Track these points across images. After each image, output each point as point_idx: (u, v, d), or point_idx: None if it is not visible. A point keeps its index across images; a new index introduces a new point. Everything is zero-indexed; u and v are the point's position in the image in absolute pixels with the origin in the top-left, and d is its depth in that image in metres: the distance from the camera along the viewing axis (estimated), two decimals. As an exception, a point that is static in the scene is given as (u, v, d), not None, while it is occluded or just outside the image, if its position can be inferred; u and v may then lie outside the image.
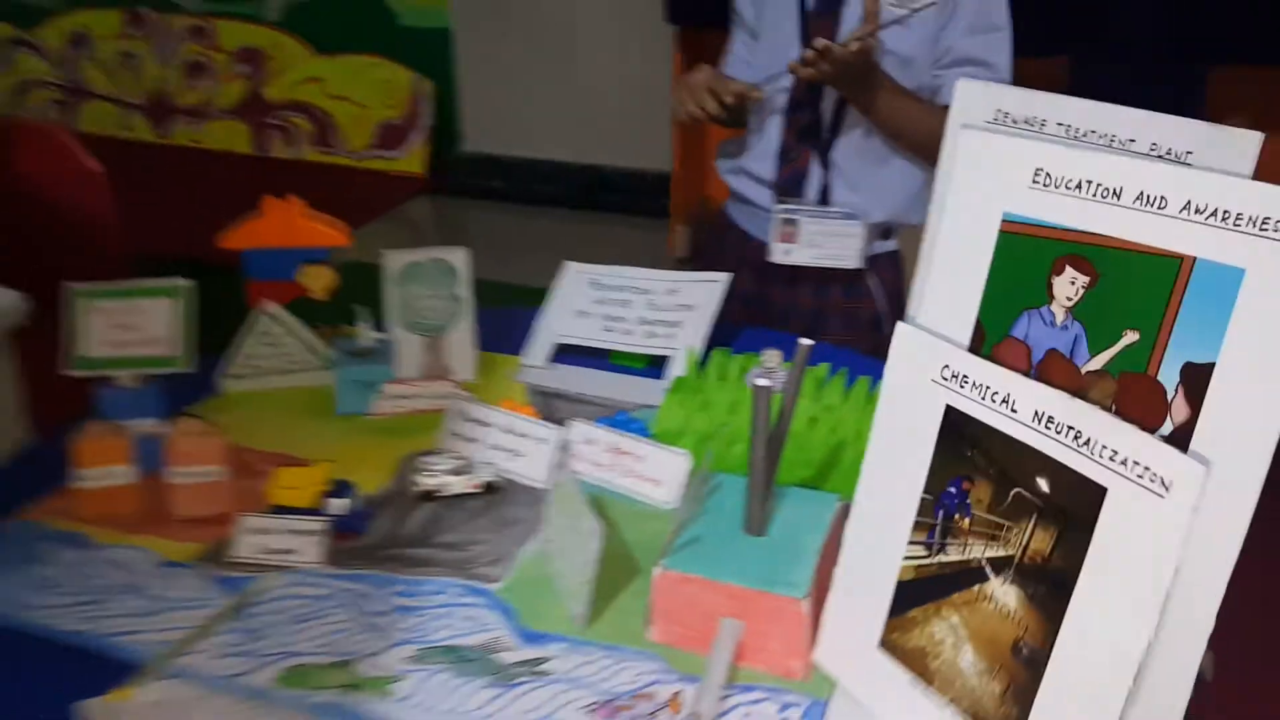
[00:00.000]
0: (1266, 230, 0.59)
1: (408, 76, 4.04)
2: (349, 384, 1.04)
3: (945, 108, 0.72)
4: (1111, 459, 0.54)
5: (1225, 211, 0.60)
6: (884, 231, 1.31)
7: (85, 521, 0.87)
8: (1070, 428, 0.56)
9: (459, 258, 1.10)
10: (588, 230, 3.72)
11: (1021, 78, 3.24)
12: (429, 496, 0.90)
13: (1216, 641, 0.63)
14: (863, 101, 1.19)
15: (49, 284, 1.50)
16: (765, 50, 1.28)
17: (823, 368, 1.03)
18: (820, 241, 1.24)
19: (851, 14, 1.21)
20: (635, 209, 3.70)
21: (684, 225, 3.34)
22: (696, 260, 1.42)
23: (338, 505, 0.87)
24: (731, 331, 1.21)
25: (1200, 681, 0.73)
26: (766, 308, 1.32)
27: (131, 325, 0.93)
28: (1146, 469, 0.53)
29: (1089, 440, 0.55)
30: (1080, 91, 2.48)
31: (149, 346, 0.94)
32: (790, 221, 1.24)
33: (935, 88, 1.23)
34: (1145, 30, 2.72)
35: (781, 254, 1.26)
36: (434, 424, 0.99)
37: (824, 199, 1.26)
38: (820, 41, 1.12)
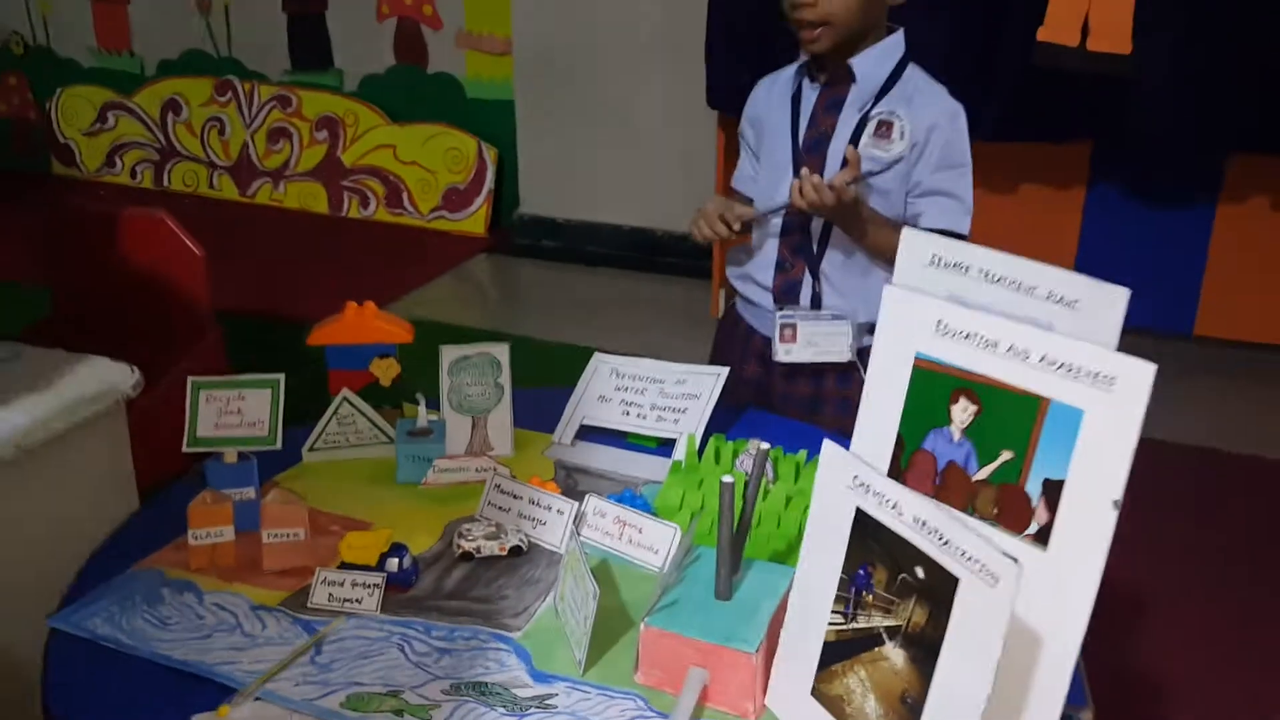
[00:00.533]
0: (1099, 383, 0.76)
1: (473, 144, 4.31)
2: (407, 458, 1.26)
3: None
4: (962, 555, 0.72)
5: (1070, 366, 0.78)
6: (870, 329, 1.50)
7: (194, 572, 1.08)
8: (936, 530, 0.74)
9: (502, 352, 1.31)
10: (636, 289, 3.92)
11: (1048, 161, 3.43)
12: (467, 557, 1.10)
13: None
14: (848, 227, 1.40)
15: (152, 355, 1.73)
16: (765, 172, 1.49)
17: (802, 454, 1.21)
18: (815, 341, 1.44)
19: (836, 151, 1.41)
20: (681, 270, 3.90)
21: (725, 289, 3.54)
22: (714, 350, 1.63)
23: (393, 563, 1.07)
24: (738, 414, 1.41)
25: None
26: (770, 394, 1.52)
27: (235, 410, 1.15)
28: (983, 565, 0.71)
29: (948, 540, 0.73)
30: (1102, 173, 2.73)
31: (248, 428, 1.16)
32: (789, 325, 1.45)
33: (910, 214, 1.42)
34: (1166, 118, 2.85)
35: (783, 354, 1.46)
36: (476, 493, 1.19)
37: (816, 304, 1.46)
38: (814, 179, 1.32)
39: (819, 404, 1.49)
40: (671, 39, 3.70)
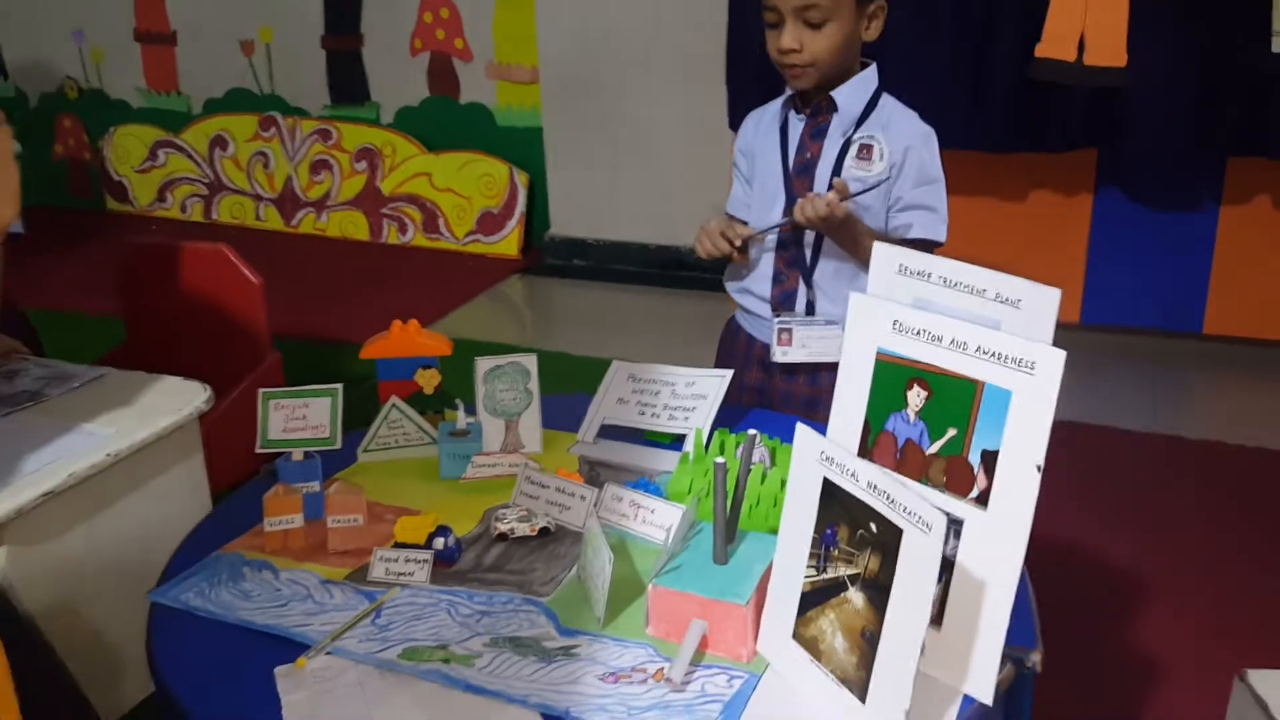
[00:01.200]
0: (1023, 368, 0.92)
1: (505, 170, 4.50)
2: (449, 456, 1.43)
3: (898, 241, 1.03)
4: (904, 510, 0.87)
5: (1000, 354, 0.93)
6: None
7: (270, 553, 1.26)
8: (885, 491, 0.90)
9: (530, 362, 1.48)
10: (661, 303, 4.08)
11: (1055, 171, 3.57)
12: (503, 537, 1.27)
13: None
14: (841, 240, 1.56)
15: (217, 376, 1.91)
16: (758, 197, 1.65)
17: (795, 444, 1.37)
18: (809, 343, 1.60)
19: (823, 174, 1.58)
20: (705, 284, 4.05)
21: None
22: (717, 361, 1.79)
23: (439, 543, 1.24)
24: (743, 413, 1.57)
25: (1031, 673, 1.06)
26: (771, 395, 1.68)
27: (301, 416, 1.33)
28: (920, 517, 0.86)
29: (893, 499, 0.89)
30: (1107, 179, 2.92)
31: (312, 431, 1.33)
32: (786, 330, 1.61)
33: (891, 227, 1.58)
34: (1163, 126, 2.97)
35: (781, 355, 1.62)
36: (509, 485, 1.35)
37: (810, 310, 1.62)
38: (813, 198, 1.50)
39: (816, 401, 1.65)
40: (691, 65, 3.87)
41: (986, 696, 0.96)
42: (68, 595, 1.52)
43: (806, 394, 1.66)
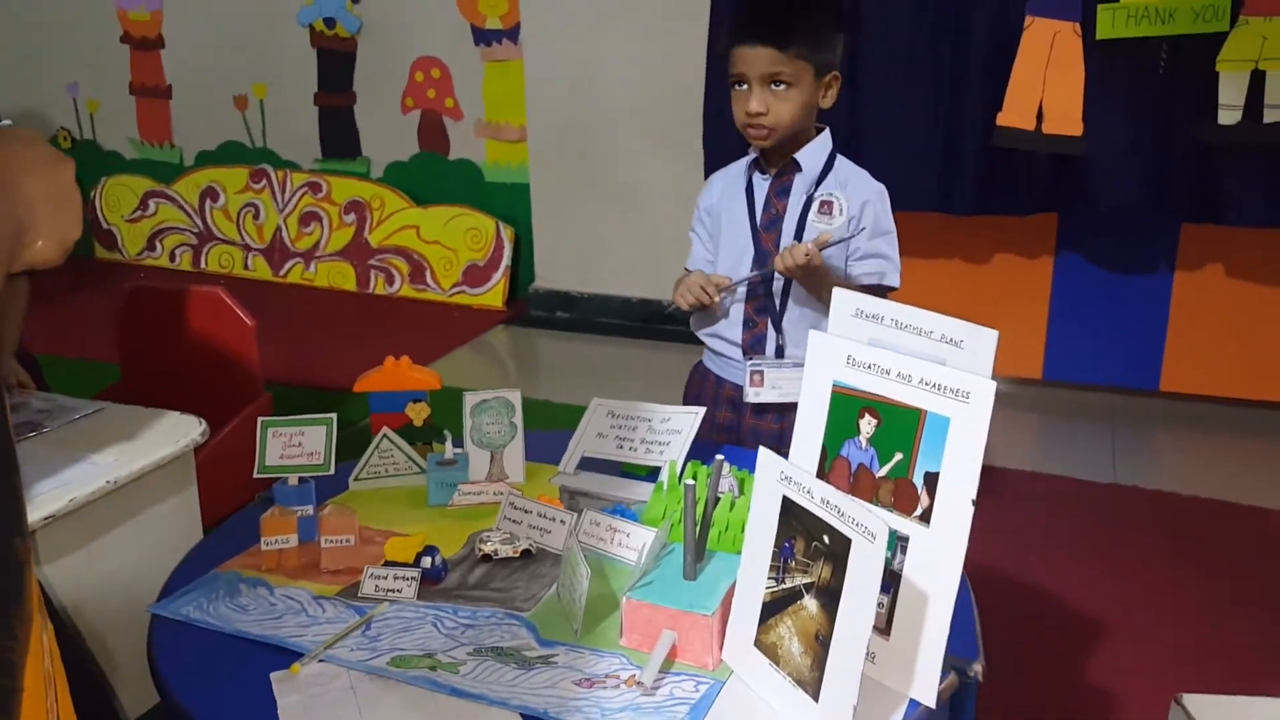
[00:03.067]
0: (959, 397, 1.02)
1: (492, 225, 4.62)
2: (437, 484, 1.51)
3: (857, 287, 1.13)
4: (852, 522, 0.97)
5: (938, 385, 1.03)
6: None
7: (266, 571, 1.33)
8: (836, 505, 0.99)
9: (515, 396, 1.57)
10: (643, 355, 4.18)
11: (1017, 233, 3.72)
12: (487, 558, 1.35)
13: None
14: (813, 286, 1.69)
15: (210, 413, 1.99)
16: (726, 251, 1.77)
17: (763, 475, 1.46)
18: (779, 384, 1.71)
19: (788, 229, 1.71)
20: (686, 337, 4.15)
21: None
22: (685, 400, 1.90)
23: (427, 561, 1.32)
24: (714, 449, 1.66)
25: (975, 682, 1.14)
26: (741, 431, 1.78)
27: (297, 444, 1.41)
28: (865, 527, 0.95)
29: (843, 512, 0.98)
30: (1068, 242, 3.08)
31: (307, 458, 1.42)
32: (758, 372, 1.72)
33: (851, 275, 1.70)
34: (1118, 193, 3.12)
35: (753, 395, 1.73)
36: (493, 511, 1.44)
37: (780, 354, 1.73)
38: (794, 248, 1.62)
39: (784, 436, 1.75)
40: (673, 127, 4.02)
41: (930, 700, 1.05)
42: (66, 616, 1.58)
43: (775, 430, 1.76)
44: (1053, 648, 2.22)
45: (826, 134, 1.76)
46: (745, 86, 1.67)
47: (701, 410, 1.58)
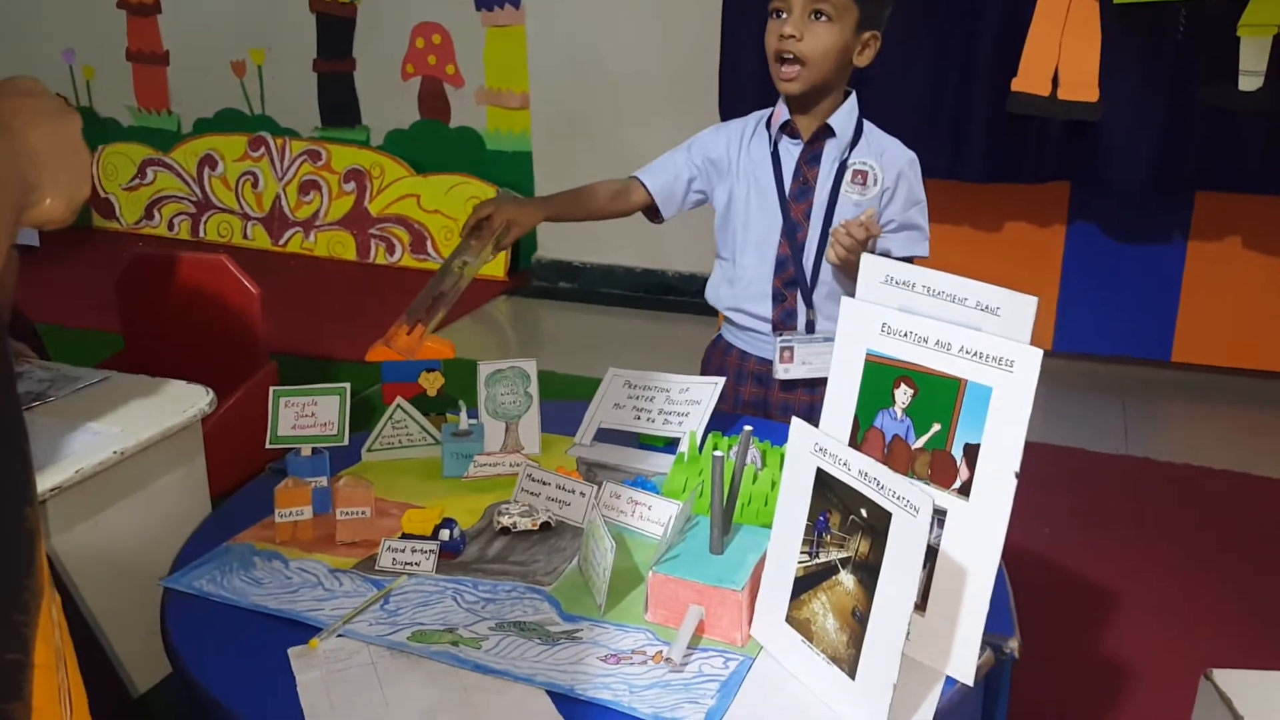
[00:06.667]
0: (1002, 366, 0.98)
1: (493, 193, 4.54)
2: (452, 456, 1.48)
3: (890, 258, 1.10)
4: (894, 495, 0.94)
5: (981, 353, 1.00)
6: None
7: (280, 544, 1.30)
8: (875, 478, 0.96)
9: (530, 366, 1.53)
10: (647, 326, 4.15)
11: (1030, 201, 3.68)
12: (506, 531, 1.32)
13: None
14: (851, 272, 1.63)
15: (215, 383, 1.96)
16: (756, 219, 1.70)
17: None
18: (810, 359, 1.67)
19: (820, 198, 1.66)
20: (690, 308, 4.13)
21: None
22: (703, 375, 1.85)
23: (445, 534, 1.29)
24: (736, 420, 1.63)
25: (1010, 659, 1.12)
26: (770, 407, 1.75)
27: (310, 414, 1.38)
28: (908, 500, 0.92)
29: (883, 485, 0.95)
30: (1080, 211, 3.02)
31: (321, 428, 1.38)
32: (788, 348, 1.68)
33: (882, 247, 1.66)
34: (1133, 160, 3.07)
35: (783, 371, 1.70)
36: (510, 483, 1.41)
37: (810, 329, 1.70)
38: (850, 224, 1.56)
39: (814, 409, 1.71)
40: (678, 91, 3.97)
41: (968, 677, 1.02)
42: (73, 588, 1.55)
43: (806, 402, 1.72)
44: (1068, 620, 2.21)
45: (854, 98, 1.69)
46: (784, 16, 1.60)
47: (721, 380, 1.55)
